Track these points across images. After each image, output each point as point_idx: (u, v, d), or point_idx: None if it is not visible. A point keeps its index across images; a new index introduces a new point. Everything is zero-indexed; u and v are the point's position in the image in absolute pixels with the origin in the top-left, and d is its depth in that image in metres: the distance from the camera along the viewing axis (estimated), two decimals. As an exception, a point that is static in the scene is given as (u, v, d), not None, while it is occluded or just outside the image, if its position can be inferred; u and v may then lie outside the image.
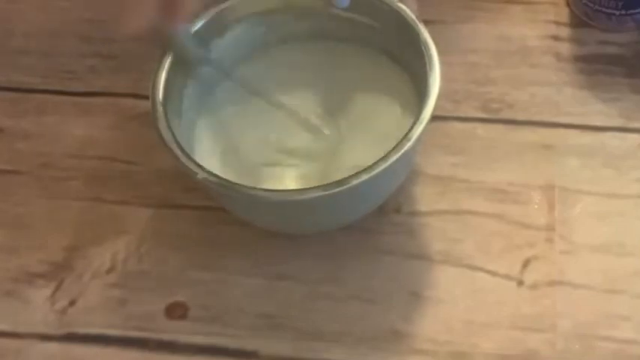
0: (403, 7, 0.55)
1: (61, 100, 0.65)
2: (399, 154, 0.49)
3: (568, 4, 0.67)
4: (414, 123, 0.50)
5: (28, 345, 0.54)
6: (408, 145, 0.50)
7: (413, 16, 0.55)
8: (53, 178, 0.61)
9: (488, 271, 0.55)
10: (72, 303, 0.56)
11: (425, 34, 0.54)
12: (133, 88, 0.64)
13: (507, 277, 0.55)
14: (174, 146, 0.51)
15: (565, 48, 0.65)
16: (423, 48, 0.53)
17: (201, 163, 0.51)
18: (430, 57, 0.53)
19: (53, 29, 0.69)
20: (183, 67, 0.55)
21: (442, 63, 0.53)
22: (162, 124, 0.52)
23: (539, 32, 0.66)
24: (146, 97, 0.54)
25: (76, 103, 0.65)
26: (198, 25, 0.56)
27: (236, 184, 0.50)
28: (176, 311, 0.55)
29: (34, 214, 0.60)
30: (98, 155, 0.62)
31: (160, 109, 0.53)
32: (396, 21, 0.55)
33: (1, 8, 0.71)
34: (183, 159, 0.51)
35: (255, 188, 0.51)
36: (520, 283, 0.54)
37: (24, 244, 0.58)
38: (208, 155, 0.56)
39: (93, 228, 0.59)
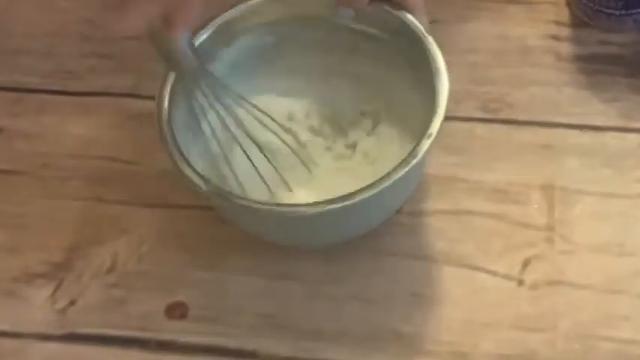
0: (413, 19, 0.54)
1: (61, 100, 0.65)
2: (405, 170, 0.49)
3: (568, 4, 0.67)
4: (419, 140, 0.50)
5: (28, 345, 0.54)
6: (415, 161, 0.49)
7: (422, 30, 0.54)
8: (53, 178, 0.61)
9: (489, 271, 0.55)
10: (72, 303, 0.56)
11: (434, 49, 0.53)
12: (133, 88, 0.64)
13: (507, 277, 0.55)
14: (181, 163, 0.51)
15: (565, 48, 0.65)
16: (431, 65, 0.52)
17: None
18: (439, 74, 0.52)
19: (53, 29, 0.69)
20: (179, 77, 0.54)
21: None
22: (170, 139, 0.51)
23: (539, 32, 0.66)
24: (146, 97, 0.54)
25: (76, 103, 0.65)
26: (203, 35, 0.56)
27: (237, 197, 0.50)
28: (176, 311, 0.55)
29: (34, 214, 0.60)
30: (98, 155, 0.62)
31: (164, 118, 0.52)
32: (405, 34, 0.54)
33: (1, 8, 0.71)
34: (189, 173, 0.50)
35: (247, 199, 0.50)
36: (520, 283, 0.54)
37: (24, 244, 0.58)
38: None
39: (93, 228, 0.59)
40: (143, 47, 0.66)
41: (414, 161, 0.49)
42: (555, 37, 0.65)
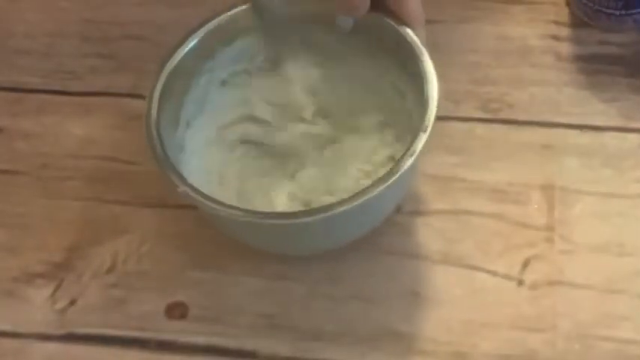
0: (410, 32, 0.53)
1: (61, 100, 0.65)
2: (380, 189, 0.48)
3: (568, 4, 0.67)
4: (402, 157, 0.49)
5: (28, 345, 0.54)
6: (393, 178, 0.48)
7: (419, 44, 0.53)
8: (53, 178, 0.61)
9: (488, 271, 0.55)
10: (72, 303, 0.56)
11: (429, 65, 0.52)
12: (133, 88, 0.64)
13: (507, 277, 0.55)
14: (170, 173, 0.51)
15: (565, 48, 0.65)
16: (423, 81, 0.52)
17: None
18: (429, 92, 0.51)
19: (53, 29, 0.70)
20: (185, 73, 0.55)
21: (442, 64, 0.52)
22: (154, 139, 0.52)
23: (539, 32, 0.66)
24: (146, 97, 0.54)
25: (76, 103, 0.65)
26: (201, 35, 0.56)
27: (222, 204, 0.50)
28: (176, 311, 0.55)
29: (34, 214, 0.60)
30: (98, 155, 0.62)
31: (153, 118, 0.52)
32: (401, 47, 0.54)
33: (1, 8, 0.71)
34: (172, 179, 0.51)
35: (224, 204, 0.50)
36: (520, 283, 0.54)
37: (24, 244, 0.58)
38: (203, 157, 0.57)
39: (93, 228, 0.59)
40: (143, 47, 0.67)
41: (392, 179, 0.48)
42: (555, 37, 0.65)
